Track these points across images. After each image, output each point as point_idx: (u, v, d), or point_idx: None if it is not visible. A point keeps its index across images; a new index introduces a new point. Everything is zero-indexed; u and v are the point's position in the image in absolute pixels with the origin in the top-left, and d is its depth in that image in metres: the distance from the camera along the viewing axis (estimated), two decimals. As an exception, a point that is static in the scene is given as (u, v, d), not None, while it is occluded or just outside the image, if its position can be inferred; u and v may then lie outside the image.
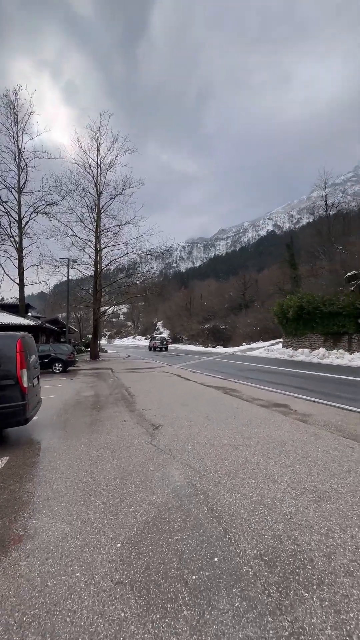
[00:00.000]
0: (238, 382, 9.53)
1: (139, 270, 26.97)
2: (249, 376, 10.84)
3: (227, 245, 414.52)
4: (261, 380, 9.59)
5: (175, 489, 2.76)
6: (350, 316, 15.34)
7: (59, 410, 6.37)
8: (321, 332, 17.59)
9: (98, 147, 21.63)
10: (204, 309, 54.28)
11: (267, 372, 11.79)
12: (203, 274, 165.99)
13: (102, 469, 3.24)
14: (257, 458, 3.40)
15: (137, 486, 2.83)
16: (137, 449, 3.81)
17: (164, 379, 11.00)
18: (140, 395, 7.70)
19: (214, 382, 9.69)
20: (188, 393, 7.73)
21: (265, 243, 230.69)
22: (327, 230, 31.25)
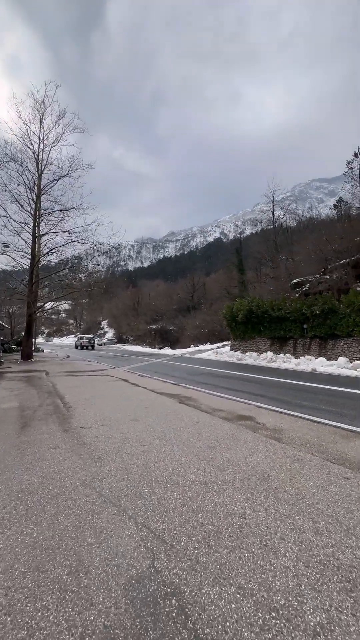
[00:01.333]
0: (192, 387, 8.70)
1: (84, 265, 24.70)
2: (202, 381, 10.12)
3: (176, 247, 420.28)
4: (216, 386, 8.91)
5: (128, 586, 1.66)
6: (296, 321, 15.83)
7: None
8: (268, 335, 17.94)
9: (41, 119, 19.10)
10: (152, 309, 53.19)
11: (220, 377, 11.24)
12: (152, 274, 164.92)
13: (3, 552, 1.97)
14: (241, 505, 2.49)
15: (63, 588, 1.66)
16: (69, 499, 2.60)
17: (108, 384, 9.64)
18: (78, 406, 6.31)
19: (166, 388, 8.71)
20: (138, 403, 6.60)
21: (213, 249, 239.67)
22: (272, 240, 32.96)
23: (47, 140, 19.28)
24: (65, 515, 2.36)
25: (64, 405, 6.45)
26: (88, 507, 2.48)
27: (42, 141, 19.26)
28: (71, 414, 5.65)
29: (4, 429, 4.79)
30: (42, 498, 2.63)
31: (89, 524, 2.24)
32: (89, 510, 2.43)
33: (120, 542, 2.03)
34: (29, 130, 19.12)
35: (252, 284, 32.61)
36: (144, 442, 4.04)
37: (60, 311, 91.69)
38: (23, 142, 18.68)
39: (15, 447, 3.93)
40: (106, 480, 2.94)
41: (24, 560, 1.87)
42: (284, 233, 38.43)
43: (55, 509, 2.46)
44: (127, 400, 6.97)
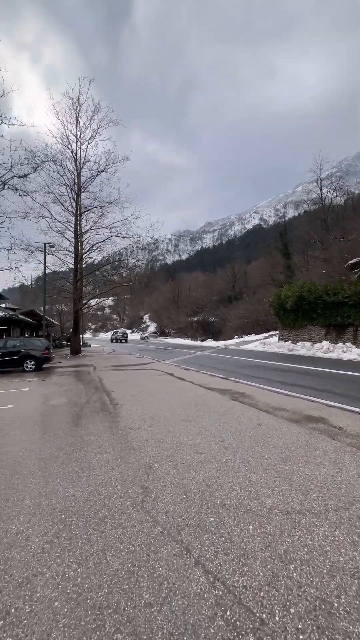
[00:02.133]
0: (243, 382, 7.97)
1: (125, 259, 24.90)
2: (253, 374, 9.31)
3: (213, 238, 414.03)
4: (270, 380, 8.07)
5: None
6: (356, 306, 14.07)
7: (6, 431, 4.57)
8: (322, 323, 16.31)
9: (77, 117, 19.30)
10: (192, 301, 52.67)
11: (272, 370, 10.30)
12: (190, 266, 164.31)
13: (39, 608, 1.53)
14: (349, 554, 1.79)
15: None
16: (119, 527, 2.12)
17: (153, 378, 9.31)
18: (125, 403, 5.99)
19: (215, 382, 8.09)
20: (187, 400, 6.09)
21: (252, 236, 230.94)
22: (321, 219, 30.08)
23: (84, 137, 19.50)
24: (115, 551, 1.88)
25: (111, 402, 6.18)
26: (142, 539, 1.98)
27: (79, 139, 19.53)
28: (118, 412, 5.32)
29: (52, 429, 4.58)
30: (88, 523, 2.19)
31: (145, 569, 1.72)
32: (143, 544, 1.93)
33: (189, 606, 1.48)
34: (66, 130, 19.50)
35: (299, 268, 30.27)
36: (200, 449, 3.48)
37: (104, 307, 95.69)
38: (62, 143, 19.09)
39: (62, 451, 3.62)
40: (161, 501, 2.42)
41: (63, 627, 1.40)
42: (333, 211, 35.02)
43: (104, 540, 1.99)
44: (175, 396, 6.50)
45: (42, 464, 3.28)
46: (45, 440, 4.03)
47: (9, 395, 7.53)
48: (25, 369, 12.69)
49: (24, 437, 4.20)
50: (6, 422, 5.02)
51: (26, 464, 3.29)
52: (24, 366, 12.71)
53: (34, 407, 6.11)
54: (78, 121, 19.20)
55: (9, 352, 12.74)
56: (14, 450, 3.74)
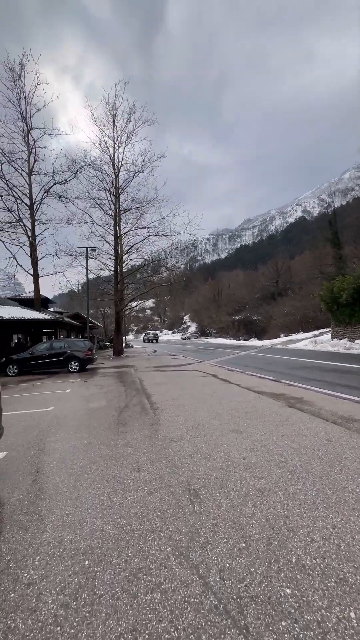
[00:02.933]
0: (298, 385, 7.01)
1: (164, 259, 24.80)
2: (309, 376, 8.24)
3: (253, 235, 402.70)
4: (332, 384, 6.99)
5: None
6: None
7: (41, 438, 4.30)
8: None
9: (114, 120, 19.55)
10: (233, 300, 51.15)
11: (331, 371, 9.09)
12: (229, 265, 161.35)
13: None
14: None
15: None
16: (156, 588, 1.56)
17: (196, 380, 8.72)
18: (166, 408, 5.48)
19: (265, 385, 7.25)
20: (235, 406, 5.39)
21: (295, 230, 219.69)
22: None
23: (121, 140, 19.70)
24: (150, 636, 1.31)
25: (151, 407, 5.72)
26: (188, 618, 1.38)
27: (116, 142, 19.78)
28: (158, 419, 4.81)
29: (88, 436, 4.22)
30: (116, 578, 1.65)
31: None
32: (189, 628, 1.33)
33: None
34: (104, 135, 19.85)
35: (351, 259, 27.47)
36: (257, 472, 2.79)
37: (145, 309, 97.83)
38: (100, 148, 19.46)
39: (95, 465, 3.18)
40: (212, 549, 1.81)
41: None
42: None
43: (135, 614, 1.43)
44: (221, 401, 5.83)
45: (72, 481, 2.86)
46: (78, 450, 3.65)
47: (51, 397, 7.49)
48: (70, 369, 12.95)
49: (58, 446, 3.87)
50: (43, 428, 4.80)
51: (55, 480, 2.90)
52: (68, 367, 12.98)
53: (73, 410, 5.88)
54: (115, 125, 19.49)
55: (55, 353, 13.11)
56: (45, 461, 3.40)
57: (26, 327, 17.46)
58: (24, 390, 8.79)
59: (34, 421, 5.19)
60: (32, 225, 17.19)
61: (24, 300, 20.76)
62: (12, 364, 12.75)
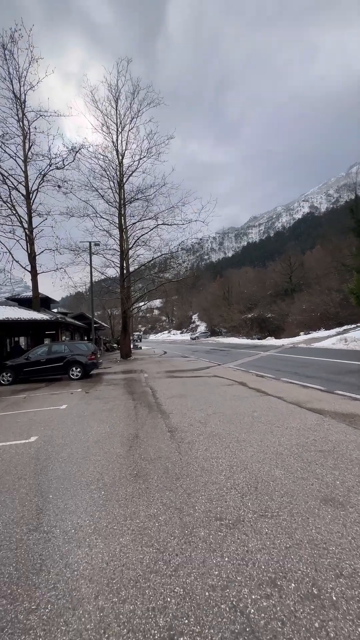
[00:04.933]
0: (358, 396, 5.23)
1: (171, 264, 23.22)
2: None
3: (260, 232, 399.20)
4: None
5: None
6: None
7: (9, 501, 2.63)
8: None
9: (116, 102, 17.93)
10: (244, 297, 49.15)
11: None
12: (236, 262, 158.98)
13: None
14: None
15: None
16: None
17: (222, 391, 6.99)
18: (194, 440, 3.78)
19: (318, 400, 5.48)
20: (296, 437, 3.66)
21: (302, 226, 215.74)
22: None
23: (124, 122, 18.07)
24: None
25: (172, 437, 4.01)
26: None
27: (119, 125, 18.16)
28: (187, 466, 3.10)
29: (74, 506, 2.53)
30: None
31: None
32: None
33: None
34: (106, 118, 18.23)
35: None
36: None
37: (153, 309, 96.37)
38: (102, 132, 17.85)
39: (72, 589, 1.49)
40: None
41: None
42: None
43: None
44: (272, 428, 4.10)
45: None
46: (37, 565, 1.96)
47: (40, 418, 5.86)
48: (71, 376, 11.35)
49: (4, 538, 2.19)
50: (7, 485, 3.14)
51: None
52: (69, 373, 11.39)
53: (61, 443, 4.21)
54: (117, 106, 17.88)
55: (54, 358, 11.55)
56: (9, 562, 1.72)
57: (24, 328, 15.99)
58: (11, 407, 7.18)
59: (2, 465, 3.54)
60: (28, 216, 15.67)
61: (23, 300, 19.35)
62: (5, 370, 11.22)
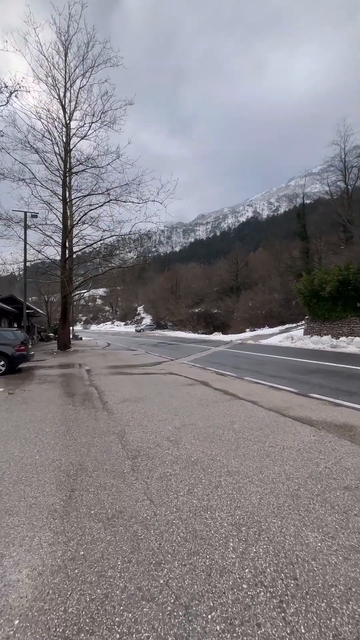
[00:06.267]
0: (339, 401, 4.71)
1: (117, 252, 21.38)
2: (340, 387, 6.05)
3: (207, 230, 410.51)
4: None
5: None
6: None
7: None
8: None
9: (66, 50, 15.30)
10: (192, 292, 49.21)
11: (358, 379, 7.09)
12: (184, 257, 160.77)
13: None
14: None
15: None
16: None
17: (184, 392, 5.94)
18: (166, 467, 2.62)
19: (299, 405, 4.79)
20: (301, 463, 2.77)
21: (246, 229, 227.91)
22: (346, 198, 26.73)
23: (75, 77, 15.56)
24: None
25: (133, 466, 2.79)
26: None
27: (68, 81, 15.58)
28: (167, 521, 1.94)
29: None
30: None
31: None
32: None
33: None
34: (53, 71, 15.44)
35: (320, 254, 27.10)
36: None
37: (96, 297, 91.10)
38: (46, 82, 15.07)
39: None
40: None
41: None
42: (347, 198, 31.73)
43: None
44: (258, 443, 3.18)
45: None
46: None
47: None
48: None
49: None
50: None
51: None
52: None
53: None
54: (67, 57, 15.26)
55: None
56: None
57: None
58: None
59: None
60: None
61: None
62: None
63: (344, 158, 26.67)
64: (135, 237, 21.85)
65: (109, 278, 22.36)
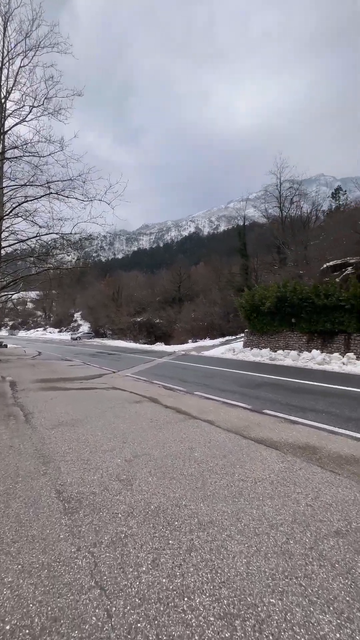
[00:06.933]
0: (294, 418, 4.61)
1: (55, 254, 19.57)
2: (293, 403, 6.05)
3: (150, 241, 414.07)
4: (332, 415, 4.89)
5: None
6: (353, 311, 12.26)
7: None
8: (306, 329, 14.29)
9: (5, 21, 13.61)
10: (134, 300, 48.14)
11: (305, 393, 7.26)
12: (126, 265, 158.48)
13: None
14: None
15: None
16: None
17: (131, 411, 5.23)
18: (119, 522, 1.94)
19: (260, 425, 4.53)
20: (272, 495, 2.37)
21: (189, 243, 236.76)
22: (280, 222, 29.48)
23: (14, 53, 13.89)
24: None
25: (72, 524, 2.04)
26: None
27: (6, 56, 13.82)
28: (128, 623, 1.29)
29: None
30: None
31: None
32: None
33: None
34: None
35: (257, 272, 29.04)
36: None
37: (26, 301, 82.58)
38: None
39: None
40: None
41: None
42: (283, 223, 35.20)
43: None
44: (226, 477, 2.72)
45: None
46: None
47: None
48: None
49: None
50: None
51: None
52: None
53: None
54: (6, 29, 13.57)
55: None
56: None
57: None
58: None
59: None
60: None
61: None
62: None
63: (279, 187, 29.69)
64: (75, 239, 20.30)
65: (43, 280, 20.24)
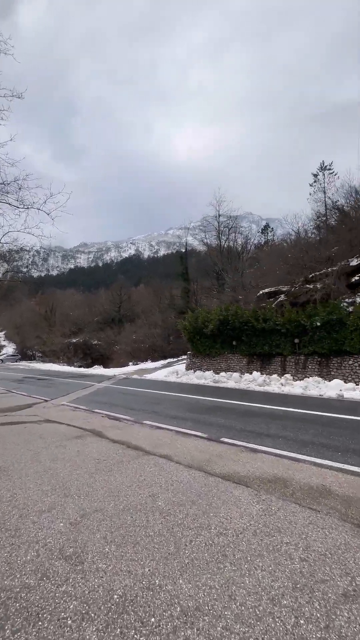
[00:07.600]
0: (254, 446, 4.42)
1: None
2: (255, 429, 5.88)
3: (89, 259, 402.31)
4: (288, 440, 4.85)
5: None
6: (288, 335, 13.19)
7: None
8: (246, 352, 14.87)
9: None
10: (70, 320, 44.96)
11: (261, 416, 7.20)
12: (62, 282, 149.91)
13: None
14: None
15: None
16: None
17: (71, 450, 4.37)
18: (64, 622, 1.31)
19: (214, 453, 4.16)
20: (261, 551, 1.99)
21: (129, 264, 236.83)
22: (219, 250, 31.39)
23: None
24: None
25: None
26: None
27: None
28: None
29: None
30: None
31: None
32: None
33: None
34: None
35: (197, 295, 29.97)
36: None
37: None
38: None
39: None
40: None
41: None
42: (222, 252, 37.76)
43: None
44: (202, 532, 2.25)
45: None
46: None
47: None
48: None
49: None
50: None
51: None
52: None
53: None
54: None
55: None
56: None
57: None
58: None
59: None
60: None
61: None
62: None
63: (218, 218, 32.04)
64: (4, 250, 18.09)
65: None
